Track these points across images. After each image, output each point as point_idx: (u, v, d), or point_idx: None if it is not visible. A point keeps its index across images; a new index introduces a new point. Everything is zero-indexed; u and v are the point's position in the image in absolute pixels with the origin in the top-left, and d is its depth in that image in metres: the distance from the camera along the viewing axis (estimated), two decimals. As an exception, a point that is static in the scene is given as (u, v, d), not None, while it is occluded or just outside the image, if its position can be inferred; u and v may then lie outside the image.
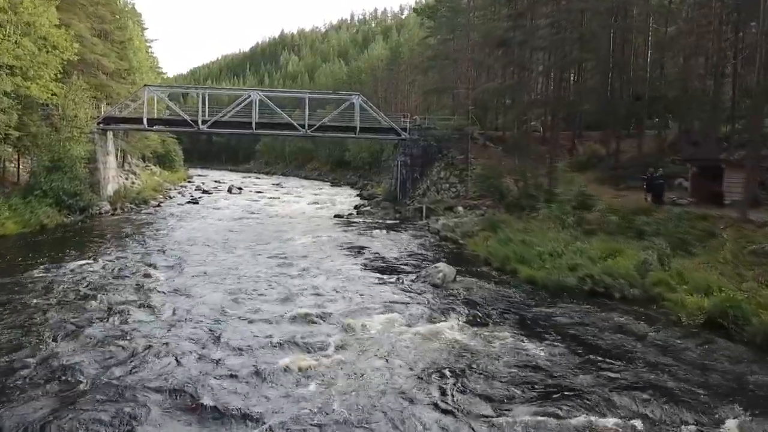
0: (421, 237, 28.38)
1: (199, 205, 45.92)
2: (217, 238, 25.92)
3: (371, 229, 31.22)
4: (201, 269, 19.09)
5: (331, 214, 39.70)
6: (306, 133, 41.14)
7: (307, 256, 22.08)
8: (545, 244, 20.43)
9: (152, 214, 37.39)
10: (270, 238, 26.53)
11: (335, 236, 27.51)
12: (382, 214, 39.14)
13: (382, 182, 61.87)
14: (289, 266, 19.61)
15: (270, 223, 33.45)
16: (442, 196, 38.66)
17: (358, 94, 41.99)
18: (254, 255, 21.86)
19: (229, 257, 21.39)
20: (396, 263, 20.87)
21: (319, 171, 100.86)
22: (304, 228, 31.49)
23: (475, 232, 26.98)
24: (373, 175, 72.85)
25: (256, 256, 21.60)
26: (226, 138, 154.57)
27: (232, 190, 59.93)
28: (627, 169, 35.46)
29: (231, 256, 21.53)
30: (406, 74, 68.09)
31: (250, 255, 21.70)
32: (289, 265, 19.80)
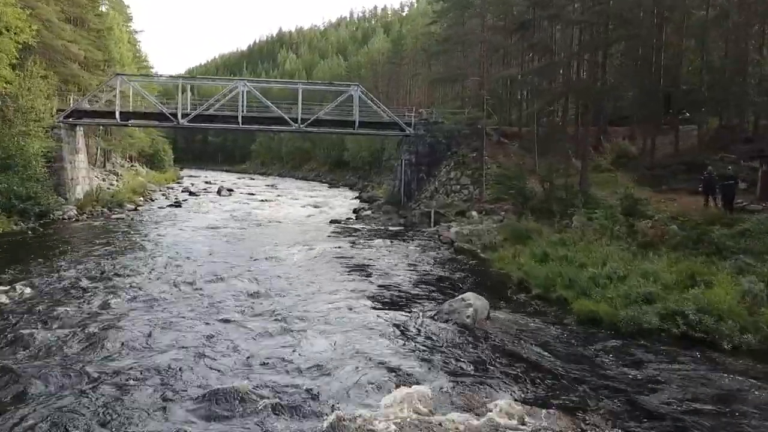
0: (432, 249, 23.85)
1: (182, 208, 41.43)
2: (185, 255, 21.28)
3: (372, 239, 26.70)
4: (130, 318, 13.04)
5: (326, 220, 35.20)
6: (299, 128, 36.64)
7: (291, 279, 17.41)
8: (595, 262, 15.92)
9: (123, 220, 32.85)
10: (250, 253, 21.95)
11: (329, 249, 22.97)
12: (385, 219, 34.63)
13: (383, 183, 57.52)
14: (263, 300, 14.78)
15: (255, 232, 28.92)
16: (453, 199, 34.14)
17: (357, 85, 37.50)
18: (224, 281, 16.92)
19: (187, 289, 16.12)
20: (406, 289, 16.27)
21: (316, 172, 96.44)
22: (294, 237, 26.96)
23: (497, 243, 22.46)
24: (373, 176, 68.35)
25: (227, 283, 16.77)
26: (221, 138, 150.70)
27: (221, 192, 55.45)
28: (665, 169, 30.98)
29: (190, 288, 16.15)
30: (409, 67, 63.58)
31: (216, 283, 16.65)
32: (264, 298, 15.01)
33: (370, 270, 18.71)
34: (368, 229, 31.16)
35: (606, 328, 12.25)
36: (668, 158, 32.94)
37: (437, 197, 35.10)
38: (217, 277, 17.22)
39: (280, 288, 16.18)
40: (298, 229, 30.14)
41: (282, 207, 44.48)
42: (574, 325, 12.65)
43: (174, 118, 35.59)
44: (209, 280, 16.96)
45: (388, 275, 17.99)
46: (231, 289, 15.90)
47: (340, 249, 22.84)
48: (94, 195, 38.66)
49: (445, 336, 11.40)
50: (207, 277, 17.23)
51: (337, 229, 30.66)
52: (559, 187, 26.49)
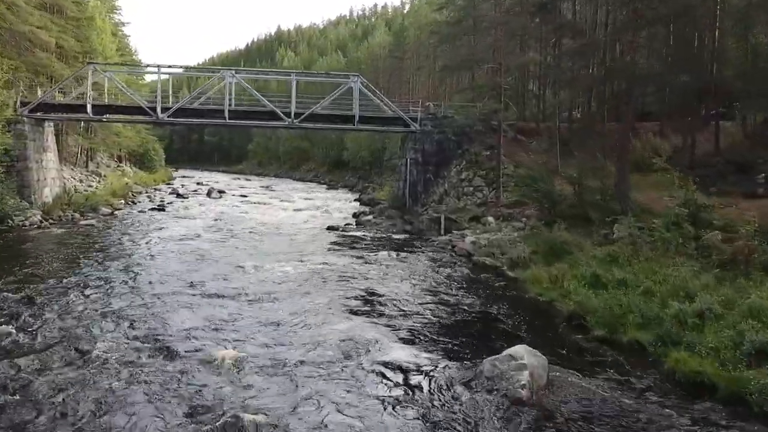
0: (446, 264, 19.98)
1: (165, 212, 37.62)
2: (141, 278, 17.26)
3: (375, 250, 22.89)
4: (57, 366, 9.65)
5: (323, 226, 31.36)
6: (292, 123, 32.81)
7: (268, 315, 13.36)
8: (670, 289, 12.15)
9: (92, 227, 28.99)
10: (225, 272, 17.96)
11: (323, 266, 19.10)
12: (388, 225, 30.81)
13: (384, 184, 53.80)
14: (232, 344, 11.02)
15: (240, 242, 25.07)
16: (465, 203, 30.33)
17: (358, 75, 33.69)
18: (176, 324, 12.45)
19: (137, 325, 12.31)
20: (422, 328, 12.34)
21: (315, 172, 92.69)
22: (283, 249, 23.13)
23: (527, 258, 18.67)
24: (373, 176, 64.53)
25: (179, 327, 12.57)
26: (217, 137, 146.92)
27: (211, 194, 51.65)
28: (709, 169, 27.18)
29: (142, 325, 12.19)
30: (412, 61, 59.80)
31: (166, 327, 12.39)
32: (237, 343, 11.19)
33: (374, 298, 14.74)
34: (370, 238, 27.36)
35: (723, 401, 8.39)
36: (709, 157, 29.15)
37: (447, 201, 31.29)
38: (168, 318, 13.15)
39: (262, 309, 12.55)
40: (289, 238, 26.29)
41: (275, 211, 40.66)
42: (673, 394, 8.78)
43: (153, 113, 31.77)
44: (157, 318, 12.93)
45: (397, 305, 14.10)
46: (183, 335, 11.84)
47: (337, 266, 18.94)
48: (66, 198, 34.87)
49: (491, 419, 7.53)
50: (155, 315, 13.21)
51: (334, 238, 26.83)
52: (592, 190, 22.70)
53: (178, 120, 33.02)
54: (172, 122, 33.47)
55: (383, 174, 61.99)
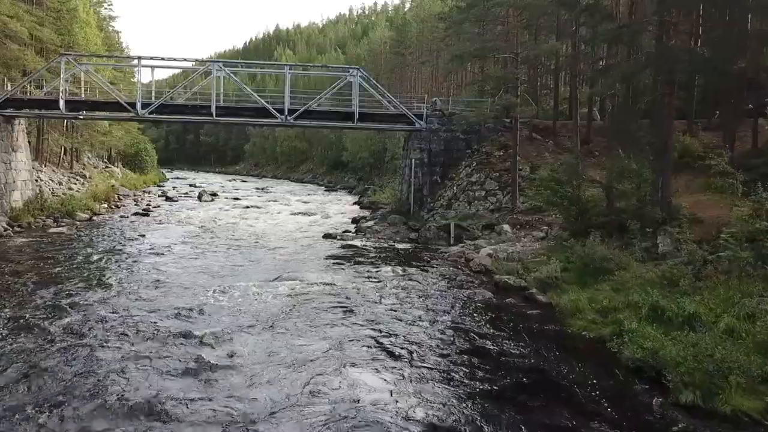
0: (462, 284, 16.97)
1: (149, 218, 34.73)
2: (93, 306, 14.26)
3: (377, 264, 19.92)
4: None
5: (319, 233, 28.43)
6: (285, 120, 29.84)
7: (237, 375, 10.28)
8: (762, 326, 9.23)
9: (62, 235, 26.01)
10: (195, 302, 14.63)
11: (316, 288, 16.10)
12: (391, 233, 27.85)
13: (385, 187, 50.94)
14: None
15: (223, 255, 22.07)
16: (477, 209, 27.34)
17: (358, 68, 30.72)
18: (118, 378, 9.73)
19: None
20: (453, 397, 9.15)
21: (313, 173, 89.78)
22: (271, 264, 20.15)
23: (560, 280, 15.72)
24: (374, 178, 61.58)
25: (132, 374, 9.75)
26: (213, 138, 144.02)
27: (202, 197, 48.69)
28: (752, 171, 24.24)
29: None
30: (415, 56, 56.85)
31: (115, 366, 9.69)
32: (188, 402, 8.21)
33: (381, 342, 11.49)
34: (371, 248, 24.41)
35: None
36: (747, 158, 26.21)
37: (456, 206, 28.31)
38: (122, 355, 10.27)
39: (234, 355, 9.51)
40: (279, 250, 23.30)
41: (268, 216, 37.71)
42: None
43: (132, 109, 28.80)
44: (104, 358, 10.04)
45: (413, 355, 10.90)
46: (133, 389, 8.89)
47: (332, 290, 15.89)
48: (39, 202, 31.91)
49: None
50: (101, 353, 10.32)
51: (331, 249, 23.88)
52: (626, 194, 19.71)
53: (160, 117, 30.04)
54: (155, 119, 30.55)
55: (384, 175, 59.09)
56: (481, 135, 30.80)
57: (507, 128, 31.27)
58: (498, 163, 28.88)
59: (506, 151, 29.56)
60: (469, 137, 30.75)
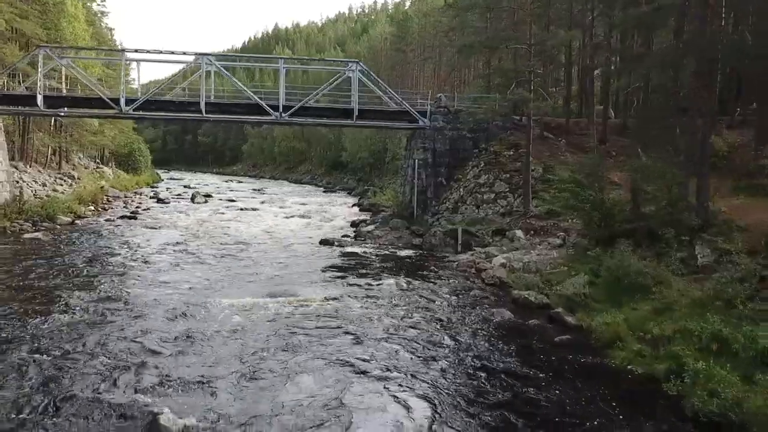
0: (478, 302, 14.93)
1: (135, 221, 32.75)
2: (47, 327, 12.25)
3: (379, 277, 17.92)
4: None
5: (316, 239, 26.47)
6: (280, 117, 27.87)
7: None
8: None
9: (36, 241, 23.97)
10: (166, 328, 12.55)
11: (309, 307, 14.10)
12: (393, 238, 25.89)
13: (386, 188, 49.04)
14: None
15: (208, 265, 20.06)
16: (486, 213, 25.35)
17: (357, 62, 28.75)
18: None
19: None
20: None
21: (311, 174, 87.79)
22: (260, 275, 18.16)
23: (588, 297, 13.75)
24: (374, 179, 59.63)
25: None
26: (211, 138, 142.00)
27: (195, 199, 46.67)
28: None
29: None
30: (417, 53, 54.90)
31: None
32: None
33: (386, 380, 9.51)
34: (372, 256, 22.44)
35: None
36: None
37: (463, 209, 26.32)
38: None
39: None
40: (271, 258, 21.30)
41: (263, 219, 35.73)
42: None
43: (116, 105, 26.82)
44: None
45: (421, 390, 8.95)
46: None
47: (327, 308, 13.88)
48: (17, 205, 29.92)
49: None
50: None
51: (328, 257, 21.90)
52: (656, 198, 17.74)
53: (146, 114, 28.10)
54: (139, 117, 28.63)
55: (385, 176, 57.18)
56: (489, 133, 28.83)
57: (517, 126, 29.33)
58: (508, 163, 26.91)
59: (516, 150, 27.60)
60: (476, 136, 28.78)
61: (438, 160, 28.57)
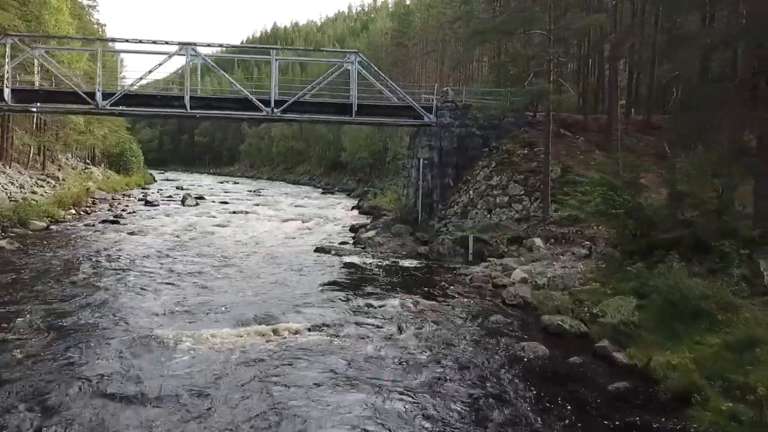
0: (499, 330, 12.42)
1: (117, 226, 30.36)
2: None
3: (381, 294, 15.43)
4: None
5: (311, 246, 24.04)
6: (271, 113, 25.41)
7: None
8: None
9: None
10: (127, 357, 10.26)
11: (298, 336, 11.65)
12: (396, 246, 23.43)
13: (387, 189, 46.60)
14: None
15: (189, 278, 17.60)
16: (499, 218, 22.87)
17: (356, 52, 26.29)
18: None
19: None
20: None
21: (310, 175, 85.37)
22: (245, 292, 15.68)
23: (638, 326, 11.27)
24: (374, 180, 57.16)
25: None
26: (208, 138, 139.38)
27: (186, 202, 44.22)
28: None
29: None
30: (419, 47, 52.44)
31: None
32: None
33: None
34: (373, 267, 19.98)
35: None
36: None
37: (474, 214, 23.85)
38: None
39: None
40: (259, 270, 18.83)
41: (256, 223, 33.30)
42: None
43: (93, 100, 24.35)
44: None
45: None
46: None
47: (320, 336, 11.43)
48: (-15, 209, 27.51)
49: None
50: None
51: (323, 268, 19.43)
52: (702, 203, 15.27)
53: (125, 110, 25.59)
54: (119, 113, 26.17)
55: (385, 177, 54.74)
56: (501, 131, 26.38)
57: (530, 123, 26.92)
58: (522, 163, 24.46)
59: (531, 149, 25.17)
60: (486, 133, 26.32)
61: (445, 160, 26.10)
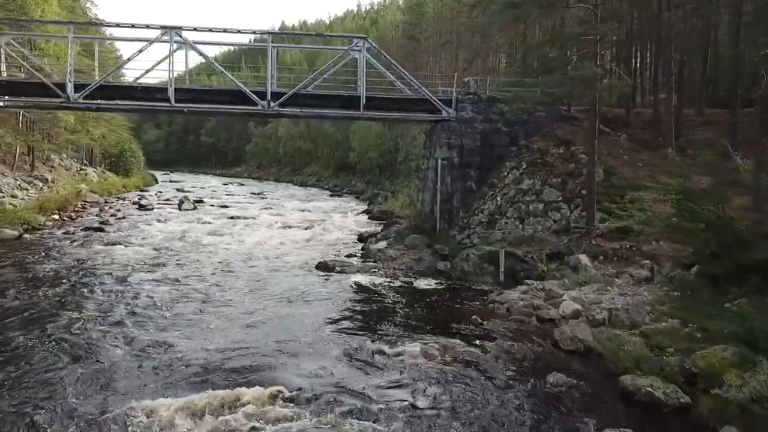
0: (562, 397, 9.09)
1: (103, 233, 27.43)
2: None
3: (395, 333, 12.07)
4: None
5: (313, 260, 20.77)
6: (268, 108, 22.12)
7: None
8: None
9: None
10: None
11: (292, 406, 8.38)
12: (411, 260, 20.08)
13: (398, 192, 43.32)
14: None
15: (162, 311, 14.32)
16: (533, 228, 19.41)
17: (364, 38, 22.91)
18: None
19: None
20: None
21: (317, 176, 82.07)
22: (228, 330, 12.39)
23: None
24: (384, 182, 53.77)
25: None
26: (214, 138, 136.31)
27: (182, 205, 41.10)
28: None
29: None
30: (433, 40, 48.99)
31: None
32: None
33: None
34: (384, 289, 16.64)
35: None
36: None
37: (502, 224, 20.40)
38: None
39: None
40: (251, 295, 15.52)
41: (254, 230, 30.08)
42: None
43: (63, 93, 21.16)
44: None
45: None
46: None
47: (300, 407, 8.07)
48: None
49: None
50: None
51: (326, 291, 16.10)
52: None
53: (102, 104, 22.37)
54: (96, 108, 22.97)
55: (396, 179, 51.36)
56: (530, 127, 22.93)
57: (564, 117, 23.49)
58: (557, 164, 21.01)
59: (567, 147, 21.72)
60: (514, 130, 22.87)
61: (466, 160, 22.67)
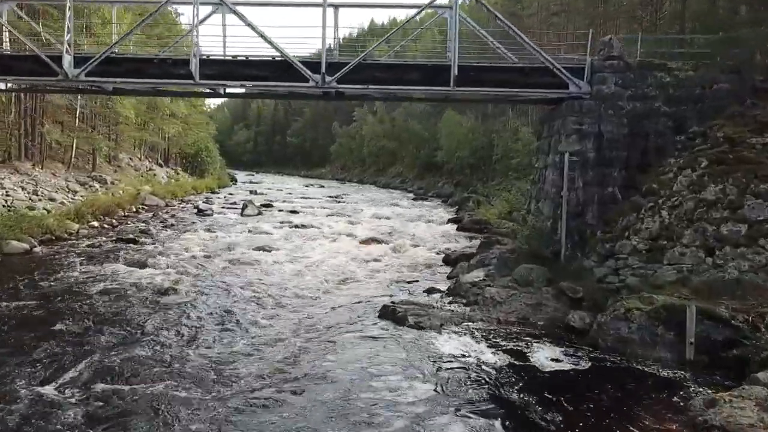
0: None
1: (135, 245, 22.79)
2: None
3: None
4: None
5: (377, 297, 14.38)
6: (321, 83, 15.98)
7: None
8: None
9: None
10: None
11: None
12: (524, 308, 13.14)
13: (494, 196, 36.35)
14: None
15: (157, 379, 8.41)
16: (737, 266, 11.88)
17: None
18: None
19: None
20: None
21: (402, 177, 75.93)
22: None
23: None
24: (476, 183, 46.45)
25: None
26: (300, 138, 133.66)
27: (245, 211, 36.15)
28: None
29: None
30: (537, 17, 41.24)
31: None
32: None
33: None
34: (485, 367, 9.92)
35: None
36: None
37: (675, 254, 12.92)
38: None
39: None
40: (265, 369, 9.33)
41: (315, 245, 24.19)
42: None
43: (60, 68, 16.06)
44: None
45: None
46: None
47: None
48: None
49: None
50: None
51: (389, 366, 9.63)
52: None
53: (109, 81, 17.15)
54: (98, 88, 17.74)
55: (491, 180, 44.13)
56: (707, 105, 15.30)
57: (759, 90, 15.63)
58: (763, 160, 13.29)
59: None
60: (680, 110, 15.33)
61: (607, 155, 15.37)
